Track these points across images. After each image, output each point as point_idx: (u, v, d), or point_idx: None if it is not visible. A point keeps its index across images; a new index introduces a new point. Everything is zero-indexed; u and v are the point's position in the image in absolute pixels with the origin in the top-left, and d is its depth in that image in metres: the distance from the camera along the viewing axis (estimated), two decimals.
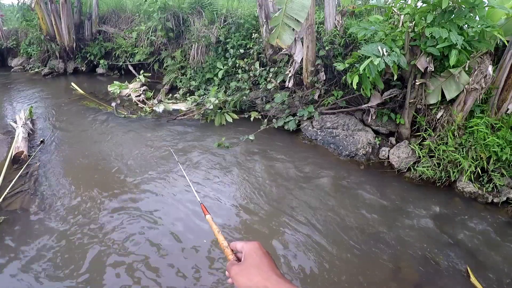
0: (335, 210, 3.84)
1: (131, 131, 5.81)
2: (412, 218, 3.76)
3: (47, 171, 4.55)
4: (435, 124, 4.61)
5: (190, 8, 7.82)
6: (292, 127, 5.52)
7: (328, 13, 5.63)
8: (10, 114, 6.68)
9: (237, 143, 5.25)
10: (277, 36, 4.37)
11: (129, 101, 7.42)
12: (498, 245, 3.40)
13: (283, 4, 4.25)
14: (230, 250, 0.94)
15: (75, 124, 6.17)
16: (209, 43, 7.21)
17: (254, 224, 3.60)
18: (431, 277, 3.02)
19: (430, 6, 4.07)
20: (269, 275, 0.79)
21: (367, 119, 5.20)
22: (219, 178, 4.43)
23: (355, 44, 5.51)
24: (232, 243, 0.95)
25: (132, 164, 4.73)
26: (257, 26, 6.76)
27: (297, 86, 5.84)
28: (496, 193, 4.01)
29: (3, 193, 3.96)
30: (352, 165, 4.82)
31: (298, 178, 4.45)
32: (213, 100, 5.93)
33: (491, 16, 4.37)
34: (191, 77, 7.52)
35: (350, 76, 4.56)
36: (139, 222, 3.60)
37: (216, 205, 3.89)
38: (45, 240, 3.31)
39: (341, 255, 3.21)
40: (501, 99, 4.34)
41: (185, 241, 3.34)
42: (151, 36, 8.22)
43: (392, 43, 4.29)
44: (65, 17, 9.18)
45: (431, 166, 4.35)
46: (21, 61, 10.85)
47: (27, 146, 5.04)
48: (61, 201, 3.91)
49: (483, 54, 4.09)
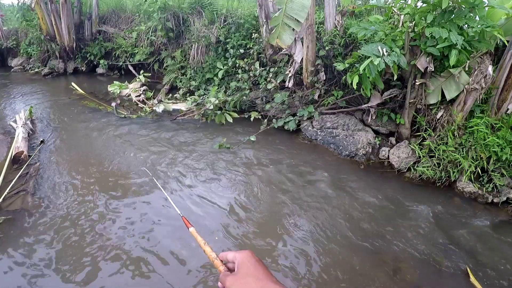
0: (334, 210, 3.84)
1: (131, 131, 5.81)
2: (412, 218, 3.76)
3: (47, 171, 4.55)
4: (435, 124, 4.61)
5: (190, 8, 7.82)
6: (292, 127, 5.52)
7: (328, 13, 5.63)
8: (10, 114, 6.67)
9: (238, 144, 5.25)
10: (277, 36, 4.37)
11: (129, 101, 7.42)
12: (498, 245, 3.40)
13: (283, 4, 4.24)
14: (219, 262, 0.92)
15: (75, 124, 6.17)
16: (209, 43, 7.21)
17: (254, 224, 3.60)
18: (431, 277, 3.02)
19: (430, 6, 4.07)
20: (266, 283, 0.79)
21: (367, 119, 5.20)
22: (218, 178, 4.43)
23: (355, 44, 5.51)
24: (222, 254, 0.93)
25: (132, 164, 4.73)
26: (257, 26, 6.76)
27: (297, 86, 5.84)
28: (496, 193, 4.01)
29: (3, 193, 3.96)
30: (352, 165, 4.82)
31: (298, 178, 4.45)
32: (213, 100, 5.93)
33: (491, 16, 4.37)
34: (191, 77, 7.52)
35: (350, 76, 4.56)
36: (139, 222, 3.60)
37: (215, 206, 3.89)
38: (45, 240, 3.31)
39: (340, 255, 3.21)
40: (501, 99, 4.34)
41: (186, 242, 3.34)
42: (151, 36, 8.22)
43: (392, 43, 4.29)
44: (65, 17, 9.18)
45: (431, 166, 4.35)
46: (21, 61, 10.84)
47: (27, 146, 5.04)
48: (61, 201, 3.91)
49: (483, 54, 4.09)
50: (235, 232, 3.47)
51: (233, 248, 3.26)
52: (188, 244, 3.28)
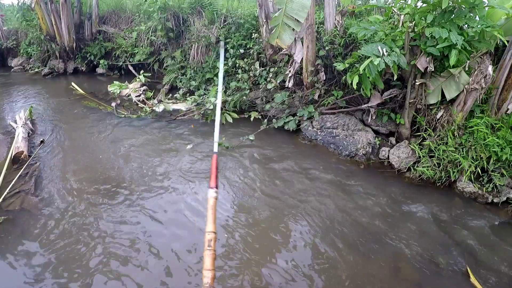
0: (334, 210, 3.84)
1: (131, 132, 5.81)
2: (412, 218, 3.76)
3: (47, 171, 4.55)
4: (435, 124, 4.61)
5: (190, 8, 7.82)
6: (292, 127, 5.52)
7: (328, 13, 5.63)
8: (10, 114, 6.67)
9: (237, 143, 5.25)
10: (277, 36, 4.37)
11: (129, 101, 7.41)
12: (498, 245, 3.40)
13: (283, 4, 4.24)
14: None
15: (75, 124, 6.17)
16: (209, 43, 7.21)
17: (253, 224, 3.60)
18: (431, 277, 3.02)
19: (430, 6, 4.07)
20: None
21: (367, 119, 5.21)
22: (218, 179, 4.43)
23: (355, 44, 5.51)
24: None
25: (132, 164, 4.73)
26: (257, 26, 6.76)
27: (297, 86, 5.84)
28: (496, 193, 4.01)
29: (3, 193, 3.96)
30: (352, 165, 4.82)
31: (298, 178, 4.45)
32: (213, 100, 5.92)
33: (491, 16, 4.36)
34: (191, 77, 7.52)
35: (350, 76, 4.56)
36: (138, 222, 3.60)
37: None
38: (44, 240, 3.31)
39: (340, 255, 3.21)
40: (501, 99, 4.34)
41: (186, 244, 3.34)
42: (151, 36, 8.21)
43: (392, 43, 4.29)
44: (65, 17, 9.18)
45: (431, 166, 4.35)
46: (21, 61, 10.84)
47: (27, 146, 5.03)
48: (61, 201, 3.91)
49: (483, 54, 4.09)
50: (234, 231, 3.47)
51: (233, 246, 3.26)
52: (194, 248, 3.28)
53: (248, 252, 3.18)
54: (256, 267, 3.03)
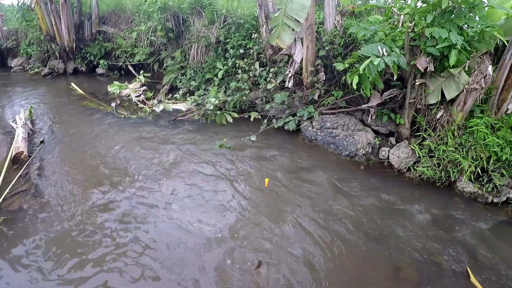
0: (334, 210, 3.84)
1: (131, 132, 5.81)
2: (412, 218, 3.76)
3: (47, 171, 4.55)
4: (435, 124, 4.61)
5: (190, 8, 7.82)
6: (292, 127, 5.52)
7: (328, 13, 5.63)
8: (10, 114, 6.67)
9: (238, 144, 5.25)
10: (277, 36, 4.36)
11: (129, 101, 7.42)
12: (498, 245, 3.40)
13: (283, 4, 4.24)
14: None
15: (75, 124, 6.16)
16: (209, 43, 7.21)
17: (253, 224, 3.60)
18: (431, 277, 3.02)
19: (430, 6, 4.07)
20: None
21: (367, 119, 5.20)
22: (218, 179, 4.43)
23: (355, 44, 5.51)
24: None
25: (132, 164, 4.72)
26: (257, 26, 6.76)
27: (297, 86, 5.84)
28: (496, 193, 4.01)
29: (3, 193, 3.96)
30: (352, 165, 4.82)
31: (298, 178, 4.45)
32: (213, 100, 5.92)
33: (491, 16, 4.37)
34: (191, 77, 7.52)
35: (350, 76, 4.56)
36: (139, 222, 3.60)
37: (215, 206, 3.89)
38: (44, 240, 3.31)
39: (340, 255, 3.21)
40: (501, 99, 4.34)
41: (185, 244, 3.34)
42: (151, 36, 8.22)
43: (392, 43, 4.29)
44: (65, 17, 9.18)
45: (431, 166, 4.35)
46: (21, 61, 10.84)
47: (27, 146, 5.04)
48: (61, 201, 3.91)
49: (483, 54, 4.09)
50: (235, 231, 3.47)
51: (231, 244, 3.26)
52: (188, 248, 3.29)
53: (248, 248, 3.18)
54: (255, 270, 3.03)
